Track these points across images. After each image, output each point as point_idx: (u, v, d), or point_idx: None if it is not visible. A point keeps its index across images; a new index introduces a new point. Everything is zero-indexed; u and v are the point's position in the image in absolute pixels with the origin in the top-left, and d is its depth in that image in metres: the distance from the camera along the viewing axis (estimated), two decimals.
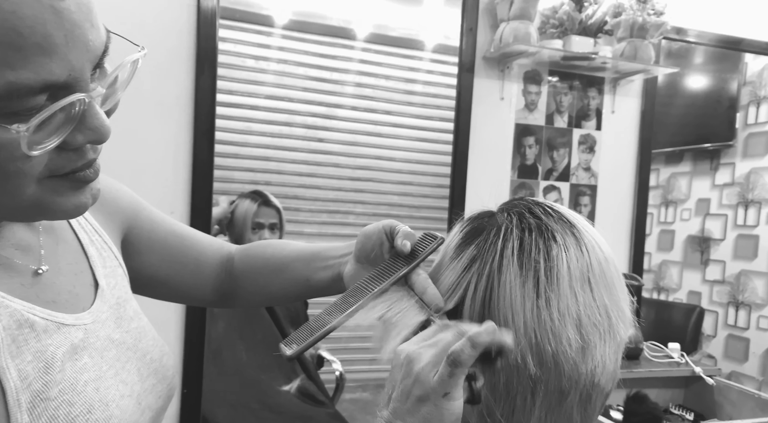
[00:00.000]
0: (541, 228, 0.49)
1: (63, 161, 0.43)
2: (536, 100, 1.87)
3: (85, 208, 0.47)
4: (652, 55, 1.82)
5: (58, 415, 0.46)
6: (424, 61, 2.83)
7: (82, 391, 0.48)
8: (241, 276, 0.74)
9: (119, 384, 0.53)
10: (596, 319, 0.47)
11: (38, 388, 0.45)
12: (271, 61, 2.64)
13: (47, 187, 0.43)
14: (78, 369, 0.49)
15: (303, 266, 0.69)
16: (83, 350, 0.50)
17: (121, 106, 0.48)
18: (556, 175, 1.92)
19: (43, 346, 0.47)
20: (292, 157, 2.72)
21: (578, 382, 0.47)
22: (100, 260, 0.58)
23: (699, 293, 2.89)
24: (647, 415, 1.36)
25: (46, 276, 0.52)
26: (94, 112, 0.42)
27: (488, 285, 0.47)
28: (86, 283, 0.56)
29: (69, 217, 0.49)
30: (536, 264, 0.47)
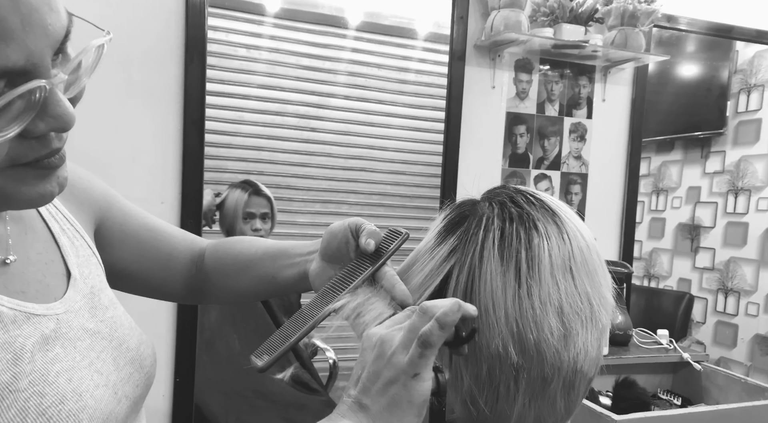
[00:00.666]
0: (523, 217, 0.49)
1: (25, 150, 0.41)
2: (527, 88, 1.87)
3: (51, 197, 0.45)
4: (643, 44, 1.82)
5: (29, 406, 0.45)
6: (416, 49, 2.82)
7: (54, 382, 0.47)
8: (211, 272, 0.73)
9: (94, 374, 0.52)
10: (578, 306, 0.47)
11: (6, 379, 0.44)
12: (263, 49, 2.62)
13: (10, 177, 0.41)
14: (49, 360, 0.48)
15: (270, 263, 0.69)
16: (55, 340, 0.49)
17: (108, 95, 0.47)
18: (547, 163, 1.92)
19: (11, 337, 0.46)
20: (284, 146, 2.71)
21: (561, 369, 0.47)
22: (72, 249, 0.57)
23: (689, 280, 2.92)
24: (635, 400, 1.38)
25: (14, 266, 0.50)
26: (56, 99, 0.40)
27: (469, 276, 0.48)
28: (58, 272, 0.54)
29: (34, 206, 0.47)
30: (517, 254, 0.47)
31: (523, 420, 0.49)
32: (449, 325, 0.43)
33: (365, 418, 0.44)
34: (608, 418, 1.14)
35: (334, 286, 0.56)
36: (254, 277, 0.70)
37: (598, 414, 1.17)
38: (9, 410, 0.43)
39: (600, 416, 1.16)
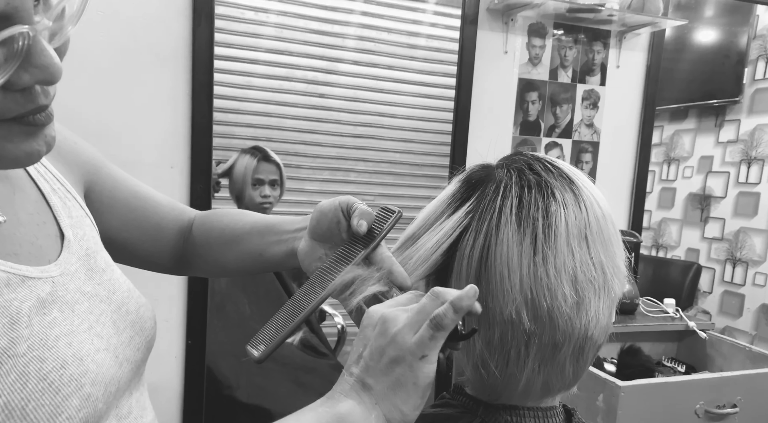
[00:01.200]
0: (541, 184, 0.49)
1: (9, 104, 0.39)
2: (540, 54, 1.83)
3: (38, 156, 0.43)
4: (661, 7, 1.77)
5: (29, 371, 0.43)
6: (427, 13, 2.76)
7: (54, 346, 0.45)
8: (197, 245, 0.71)
9: (94, 338, 0.50)
10: (591, 275, 0.48)
11: (3, 344, 0.42)
12: (271, 12, 2.57)
13: None
14: (47, 324, 0.46)
15: (257, 239, 0.66)
16: (52, 304, 0.47)
17: (115, 58, 0.45)
18: (558, 131, 1.90)
19: (6, 300, 0.44)
20: (292, 112, 2.69)
21: (572, 336, 0.48)
22: (64, 210, 0.54)
23: (697, 250, 2.91)
24: (640, 367, 1.40)
25: (5, 227, 0.48)
26: (40, 47, 0.38)
27: (485, 242, 0.48)
28: (51, 234, 0.52)
29: (21, 165, 0.44)
30: (534, 221, 0.47)
31: (532, 384, 0.50)
32: (464, 309, 0.42)
33: (368, 398, 0.43)
34: (613, 383, 1.16)
35: (327, 270, 0.55)
36: (241, 252, 0.68)
37: (603, 380, 1.19)
38: (8, 375, 0.41)
39: (605, 382, 1.18)
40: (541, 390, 0.51)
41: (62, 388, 0.44)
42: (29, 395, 0.42)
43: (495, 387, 0.52)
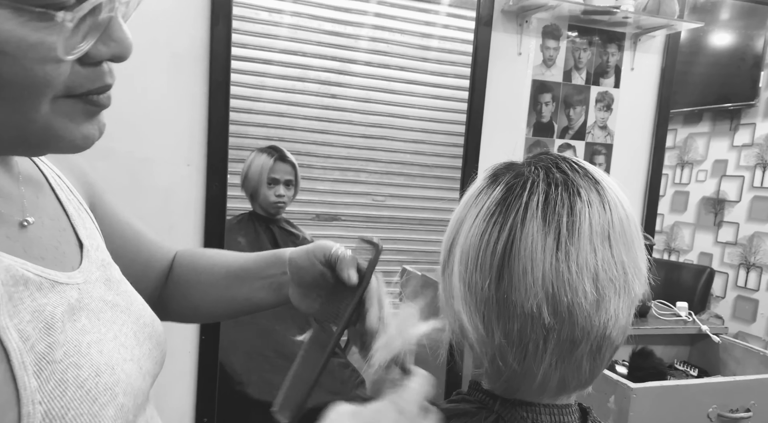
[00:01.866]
0: (567, 183, 0.49)
1: (81, 79, 0.40)
2: (554, 55, 1.83)
3: (92, 140, 0.44)
4: (677, 10, 1.77)
5: (67, 378, 0.42)
6: (441, 14, 2.77)
7: (87, 354, 0.44)
8: (174, 289, 0.69)
9: (119, 347, 0.49)
10: (613, 274, 0.48)
11: (42, 350, 0.41)
12: (285, 13, 2.59)
13: (60, 110, 0.40)
14: (78, 330, 0.45)
15: (237, 283, 0.66)
16: (80, 311, 0.46)
17: (135, 56, 0.45)
18: (571, 133, 1.90)
19: (40, 305, 0.43)
20: (305, 112, 2.71)
21: (590, 333, 0.49)
22: (79, 220, 0.54)
23: (710, 255, 2.89)
24: (652, 370, 1.39)
25: (32, 229, 0.47)
26: (117, 23, 0.40)
27: (510, 236, 0.49)
28: (70, 241, 0.52)
29: (75, 148, 0.44)
30: (559, 218, 0.48)
31: (548, 379, 0.51)
32: None
33: None
34: (624, 385, 1.16)
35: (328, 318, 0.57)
36: (224, 299, 0.67)
37: (614, 381, 1.19)
38: (48, 382, 0.41)
39: (616, 383, 1.18)
40: (557, 386, 0.52)
41: (99, 396, 0.44)
42: (69, 403, 0.41)
43: (512, 381, 0.52)
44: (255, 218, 1.97)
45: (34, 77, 0.37)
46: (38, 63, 0.36)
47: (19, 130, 0.40)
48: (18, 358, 0.39)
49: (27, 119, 0.39)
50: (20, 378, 0.39)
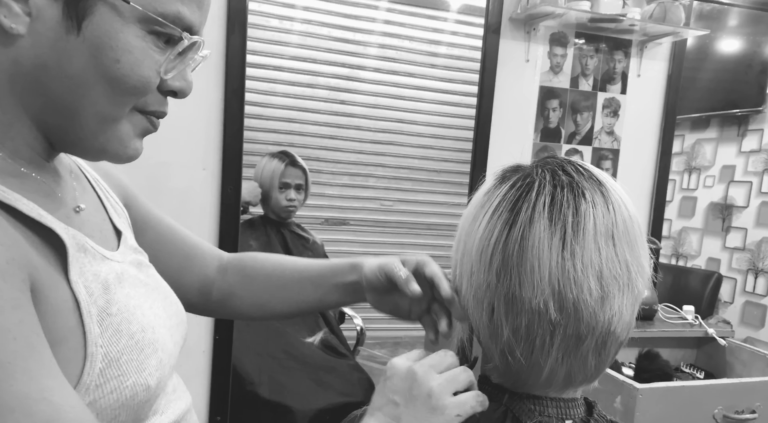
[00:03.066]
0: (572, 185, 0.52)
1: (154, 100, 0.51)
2: (561, 62, 1.85)
3: (136, 155, 0.53)
4: (683, 17, 1.79)
5: (121, 329, 0.50)
6: (449, 22, 2.80)
7: (134, 313, 0.53)
8: (237, 287, 0.76)
9: (153, 316, 0.57)
10: (616, 272, 0.50)
11: (102, 304, 0.50)
12: (296, 21, 2.63)
13: (131, 119, 0.51)
14: (125, 294, 0.53)
15: (311, 288, 0.73)
16: (124, 281, 0.55)
17: None
18: (578, 138, 1.92)
19: (97, 270, 0.51)
20: (314, 118, 2.74)
21: (595, 329, 0.51)
22: (115, 214, 0.63)
23: (718, 260, 2.89)
24: (658, 372, 1.41)
25: (83, 214, 0.56)
26: (189, 69, 0.52)
27: (518, 236, 0.51)
28: (110, 229, 0.60)
29: (121, 159, 0.53)
30: (565, 218, 0.50)
31: (555, 374, 0.53)
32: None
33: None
34: (631, 386, 1.18)
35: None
36: (293, 299, 0.74)
37: (620, 382, 1.21)
38: (107, 330, 0.49)
39: (623, 384, 1.20)
40: (563, 380, 0.54)
41: (144, 348, 0.52)
42: (122, 349, 0.49)
43: (520, 375, 0.55)
44: (266, 222, 2.00)
45: (140, 78, 0.48)
46: (146, 70, 0.48)
47: (100, 125, 0.49)
48: (86, 308, 0.48)
49: (112, 117, 0.49)
50: (87, 324, 0.47)
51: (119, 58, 0.46)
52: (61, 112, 0.48)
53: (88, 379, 0.46)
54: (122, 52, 0.46)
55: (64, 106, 0.48)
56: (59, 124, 0.49)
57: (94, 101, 0.47)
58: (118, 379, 0.48)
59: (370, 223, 2.96)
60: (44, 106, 0.48)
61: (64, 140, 0.51)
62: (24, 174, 0.50)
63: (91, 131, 0.49)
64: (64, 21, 0.45)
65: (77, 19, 0.45)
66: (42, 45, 0.45)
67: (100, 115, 0.48)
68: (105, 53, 0.46)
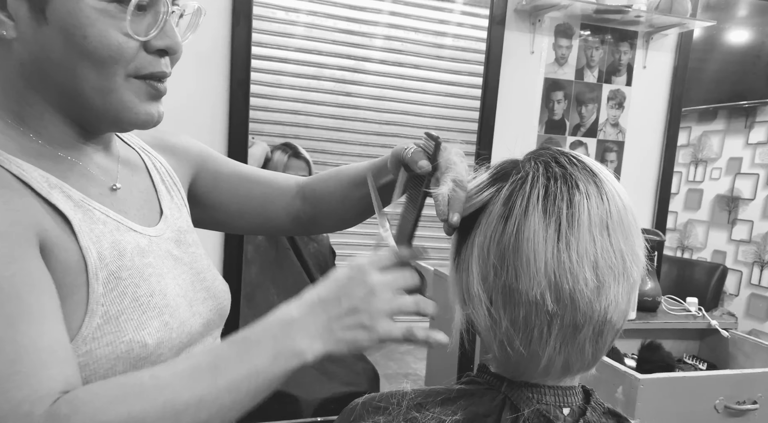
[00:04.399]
0: (566, 176, 0.52)
1: (146, 62, 0.54)
2: (566, 54, 1.85)
3: (153, 119, 0.56)
4: (689, 8, 1.78)
5: (126, 292, 0.55)
6: (455, 13, 2.79)
7: (147, 280, 0.57)
8: (318, 212, 0.82)
9: (175, 285, 0.61)
10: (612, 261, 0.51)
11: (113, 269, 0.54)
12: (301, 12, 2.63)
13: (130, 87, 0.54)
14: (144, 264, 0.58)
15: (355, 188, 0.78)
16: (149, 253, 0.60)
17: None
18: (583, 130, 1.92)
19: (116, 239, 0.56)
20: (320, 110, 2.74)
21: (592, 318, 0.51)
22: (167, 196, 0.68)
23: (724, 253, 2.88)
24: (660, 363, 1.41)
25: (120, 193, 0.61)
26: (170, 25, 0.54)
27: (513, 229, 0.52)
28: (153, 209, 0.65)
29: (139, 125, 0.56)
30: (559, 210, 0.51)
31: (553, 362, 0.54)
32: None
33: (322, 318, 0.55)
34: (632, 376, 1.19)
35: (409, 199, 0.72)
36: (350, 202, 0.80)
37: (622, 373, 1.21)
38: (112, 292, 0.54)
39: (624, 375, 1.21)
40: (561, 369, 0.55)
41: (148, 310, 0.56)
42: (123, 309, 0.54)
43: (518, 364, 0.55)
44: None
45: (110, 46, 0.50)
46: (113, 37, 0.50)
47: (102, 98, 0.53)
48: (93, 271, 0.53)
49: (108, 88, 0.52)
50: (92, 284, 0.52)
51: (85, 33, 0.49)
52: (71, 96, 0.52)
53: (85, 331, 0.51)
54: (86, 27, 0.49)
55: (69, 90, 0.52)
56: (76, 106, 0.53)
57: (85, 78, 0.51)
58: (115, 334, 0.52)
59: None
60: (59, 94, 0.52)
61: (88, 120, 0.55)
62: (60, 158, 0.55)
63: (100, 106, 0.53)
64: (33, 14, 0.48)
65: (41, 9, 0.48)
66: (29, 42, 0.49)
67: (96, 89, 0.52)
68: (73, 33, 0.49)
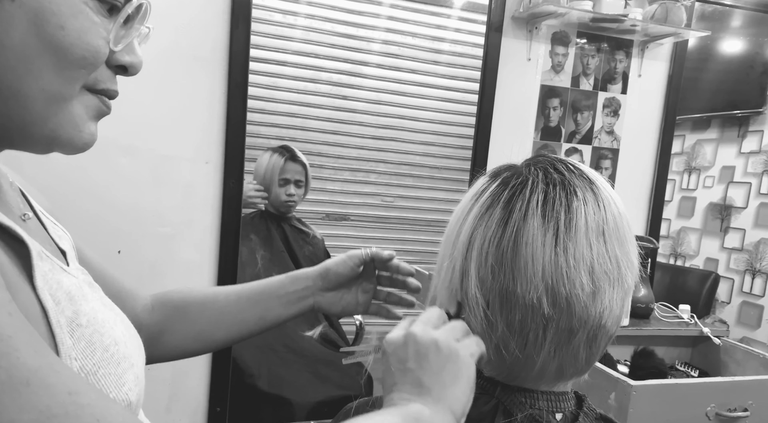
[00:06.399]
0: (564, 183, 0.53)
1: (105, 76, 0.46)
2: (563, 61, 1.86)
3: (91, 143, 0.47)
4: (684, 18, 1.79)
5: (94, 341, 0.45)
6: (452, 19, 2.81)
7: (103, 326, 0.48)
8: (169, 322, 0.71)
9: (120, 333, 0.51)
10: (607, 267, 0.52)
11: (70, 314, 0.44)
12: (299, 15, 2.64)
13: (83, 101, 0.45)
14: (91, 308, 0.48)
15: (249, 305, 0.72)
16: (86, 295, 0.50)
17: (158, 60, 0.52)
18: (578, 137, 1.93)
19: (59, 279, 0.46)
20: (317, 114, 2.75)
21: (587, 323, 0.52)
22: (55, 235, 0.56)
23: (716, 260, 2.90)
24: (653, 369, 1.42)
25: (30, 223, 0.50)
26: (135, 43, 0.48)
27: (512, 233, 0.52)
28: (53, 245, 0.54)
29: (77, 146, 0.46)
30: (557, 215, 0.51)
31: (547, 367, 0.54)
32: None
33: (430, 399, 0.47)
34: (625, 382, 1.19)
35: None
36: (234, 323, 0.72)
37: (615, 379, 1.22)
38: (80, 342, 0.44)
39: (617, 381, 1.21)
40: (555, 373, 0.55)
41: (121, 362, 0.47)
42: (98, 362, 0.45)
43: (512, 368, 0.56)
44: (267, 216, 2.02)
45: (88, 47, 0.43)
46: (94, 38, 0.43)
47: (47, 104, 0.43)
48: (55, 317, 0.42)
49: (61, 94, 0.43)
50: (58, 335, 0.42)
51: (63, 24, 0.41)
52: (1, 95, 0.41)
53: None
54: (66, 17, 0.41)
55: (5, 85, 0.41)
56: (1, 111, 0.42)
57: (38, 76, 0.41)
58: None
59: (371, 219, 2.97)
60: None
61: (6, 129, 0.44)
62: None
63: (39, 115, 0.43)
64: None
65: None
66: None
67: (47, 93, 0.42)
68: (47, 19, 0.40)
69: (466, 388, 0.49)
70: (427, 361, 0.48)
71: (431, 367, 0.48)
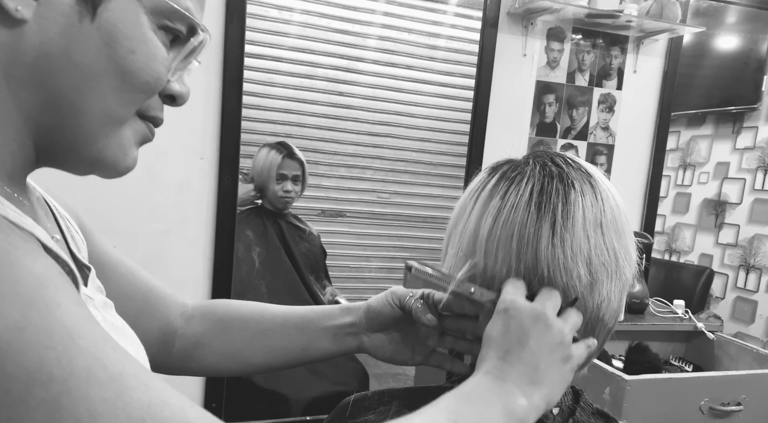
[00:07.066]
0: (562, 176, 0.53)
1: (155, 104, 0.47)
2: (558, 57, 1.86)
3: (132, 167, 0.48)
4: (679, 14, 1.80)
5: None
6: (448, 14, 2.81)
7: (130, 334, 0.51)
8: (208, 336, 0.68)
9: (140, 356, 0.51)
10: (605, 259, 0.52)
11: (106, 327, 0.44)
12: (295, 11, 2.63)
13: (133, 125, 0.46)
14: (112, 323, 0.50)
15: (296, 334, 0.66)
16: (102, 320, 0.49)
17: None
18: (574, 133, 1.93)
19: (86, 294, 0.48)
20: (313, 110, 2.75)
21: (584, 314, 0.52)
22: (77, 251, 0.55)
23: (711, 256, 2.92)
24: (647, 364, 1.43)
25: (60, 246, 0.48)
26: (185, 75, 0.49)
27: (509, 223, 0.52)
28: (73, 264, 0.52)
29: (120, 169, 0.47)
30: (554, 207, 0.51)
31: None
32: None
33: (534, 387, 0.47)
34: (619, 377, 1.20)
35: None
36: (273, 347, 0.67)
37: (609, 374, 1.23)
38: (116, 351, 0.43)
39: (612, 376, 1.22)
40: None
41: None
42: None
43: None
44: (263, 212, 2.01)
45: (152, 73, 0.44)
46: (159, 65, 0.44)
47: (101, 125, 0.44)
48: None
49: (117, 116, 0.44)
50: None
51: (134, 48, 0.42)
52: (60, 110, 0.42)
53: None
54: (138, 42, 0.43)
55: (66, 102, 0.42)
56: (55, 125, 0.43)
57: (100, 97, 0.42)
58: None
59: (367, 215, 2.97)
60: (42, 102, 0.42)
61: (55, 146, 0.44)
62: (8, 194, 0.43)
63: (91, 134, 0.44)
64: (78, 5, 0.41)
65: (93, 3, 0.41)
66: (49, 31, 0.40)
67: (105, 113, 0.43)
68: (120, 42, 0.42)
69: (562, 392, 0.50)
70: (552, 354, 0.48)
71: (554, 360, 0.48)
